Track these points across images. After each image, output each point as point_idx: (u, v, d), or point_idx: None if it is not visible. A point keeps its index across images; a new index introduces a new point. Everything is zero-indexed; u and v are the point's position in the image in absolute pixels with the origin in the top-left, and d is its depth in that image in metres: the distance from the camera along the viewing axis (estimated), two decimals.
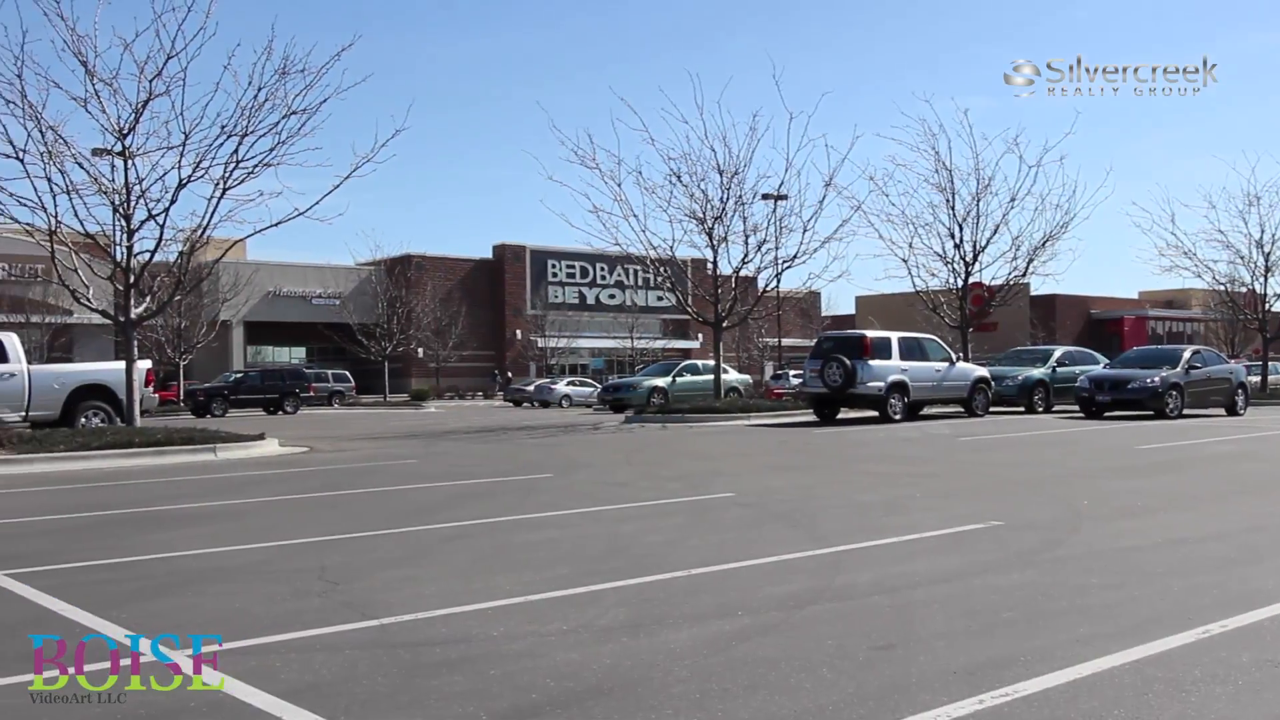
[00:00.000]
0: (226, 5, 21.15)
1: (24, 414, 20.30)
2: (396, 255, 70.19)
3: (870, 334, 27.85)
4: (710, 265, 33.28)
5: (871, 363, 26.23)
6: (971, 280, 35.92)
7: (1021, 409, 29.95)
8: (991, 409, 28.89)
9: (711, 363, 36.35)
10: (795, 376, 43.37)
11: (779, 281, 33.89)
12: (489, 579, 7.33)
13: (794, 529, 9.61)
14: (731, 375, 40.98)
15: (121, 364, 21.66)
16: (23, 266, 55.85)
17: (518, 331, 74.55)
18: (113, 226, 21.45)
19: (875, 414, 26.82)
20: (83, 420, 20.89)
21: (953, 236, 35.38)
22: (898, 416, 26.28)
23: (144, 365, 22.34)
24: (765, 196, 33.15)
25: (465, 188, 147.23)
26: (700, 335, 76.36)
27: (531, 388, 56.70)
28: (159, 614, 6.41)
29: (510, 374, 70.46)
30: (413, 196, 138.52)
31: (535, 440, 23.14)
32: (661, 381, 39.63)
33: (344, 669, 5.19)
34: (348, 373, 61.20)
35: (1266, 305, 43.38)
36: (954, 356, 29.15)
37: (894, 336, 27.76)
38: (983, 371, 29.29)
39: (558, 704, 4.62)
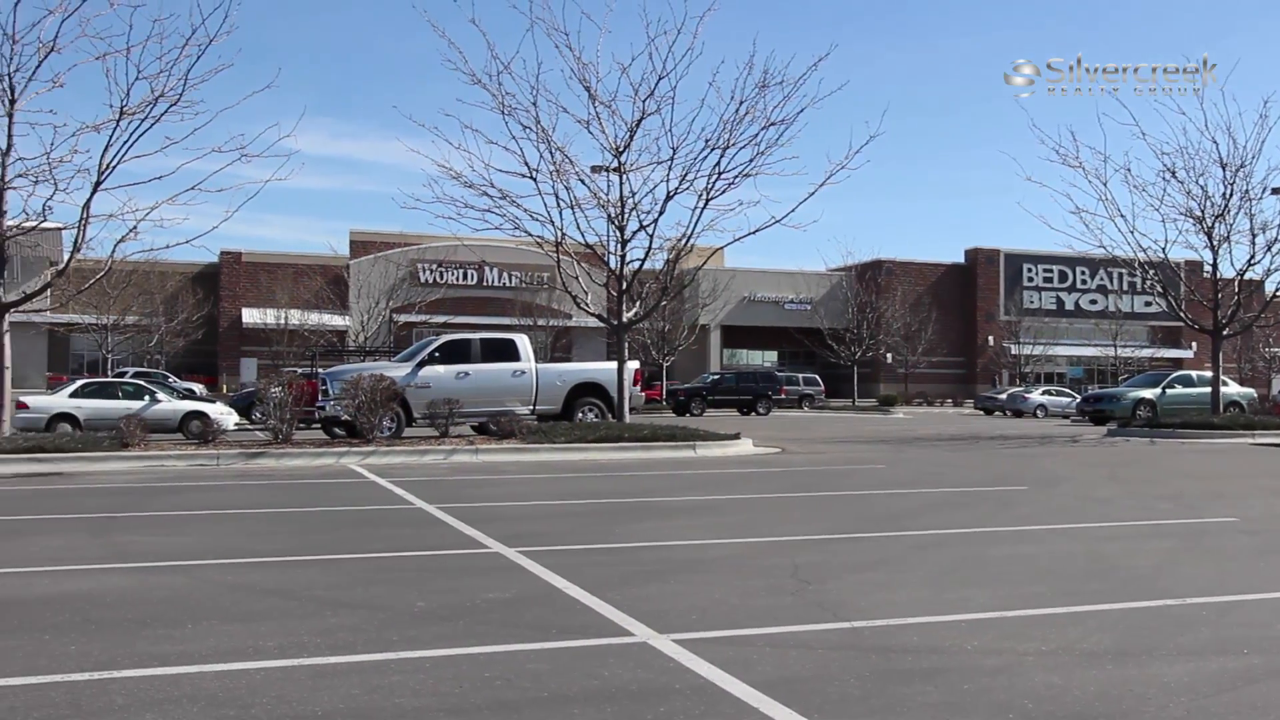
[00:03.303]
0: (712, 26, 22.35)
1: (532, 408, 22.54)
2: (867, 260, 70.44)
3: None
4: (1208, 267, 30.58)
5: None
6: None
7: None
8: None
9: (1207, 374, 33.38)
10: None
11: None
12: (962, 590, 7.19)
13: None
14: (1232, 388, 37.20)
15: (613, 364, 23.48)
16: (532, 275, 62.05)
17: (990, 338, 72.15)
18: (608, 237, 23.34)
19: None
20: (579, 414, 22.83)
21: None
22: None
23: (633, 365, 24.02)
24: (1276, 191, 29.86)
25: (937, 191, 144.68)
26: (1194, 344, 70.16)
27: (1004, 396, 54.67)
28: (645, 598, 6.87)
29: (996, 381, 68.44)
30: (884, 201, 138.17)
31: (1009, 450, 22.32)
32: (1149, 393, 36.69)
33: (816, 667, 5.30)
34: (817, 376, 62.19)
35: None
36: None
37: None
38: None
39: None
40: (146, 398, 25.05)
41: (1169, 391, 36.32)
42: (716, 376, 52.11)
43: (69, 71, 19.16)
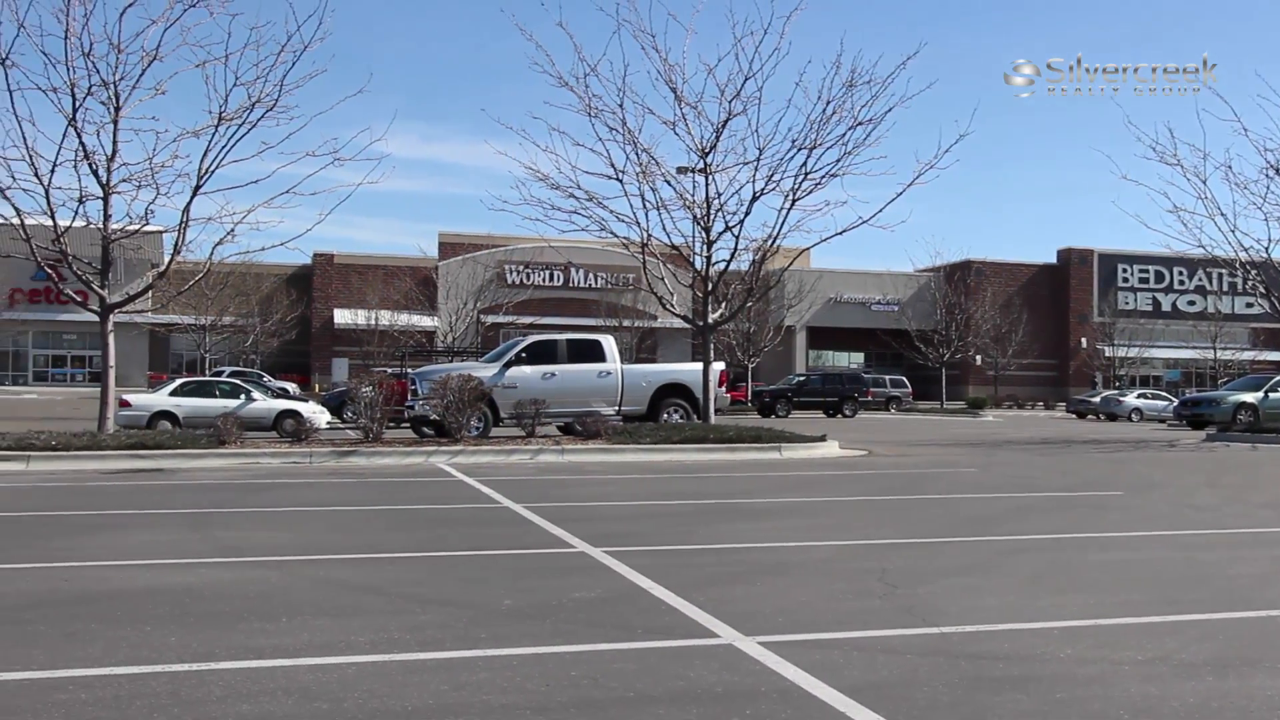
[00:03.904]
0: (798, 25, 22.25)
1: (617, 408, 22.62)
2: (956, 261, 69.44)
3: None
4: None
5: None
6: None
7: None
8: None
9: None
10: None
11: None
12: (1055, 597, 7.05)
13: None
14: None
15: (699, 365, 23.46)
16: (617, 276, 62.30)
17: (1083, 340, 70.71)
18: (693, 238, 23.35)
19: None
20: (665, 415, 22.86)
21: None
22: None
23: (718, 367, 23.98)
24: None
25: (1029, 191, 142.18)
26: None
27: (1097, 399, 53.44)
28: (731, 599, 6.86)
29: (1095, 384, 67.08)
30: (974, 201, 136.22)
31: (1103, 455, 21.83)
32: (1250, 397, 35.56)
33: (905, 673, 5.24)
34: (904, 378, 61.49)
35: None
36: None
37: None
38: None
39: None
40: (242, 396, 25.66)
41: (1272, 395, 35.12)
42: (802, 378, 51.71)
43: (170, 79, 19.90)
